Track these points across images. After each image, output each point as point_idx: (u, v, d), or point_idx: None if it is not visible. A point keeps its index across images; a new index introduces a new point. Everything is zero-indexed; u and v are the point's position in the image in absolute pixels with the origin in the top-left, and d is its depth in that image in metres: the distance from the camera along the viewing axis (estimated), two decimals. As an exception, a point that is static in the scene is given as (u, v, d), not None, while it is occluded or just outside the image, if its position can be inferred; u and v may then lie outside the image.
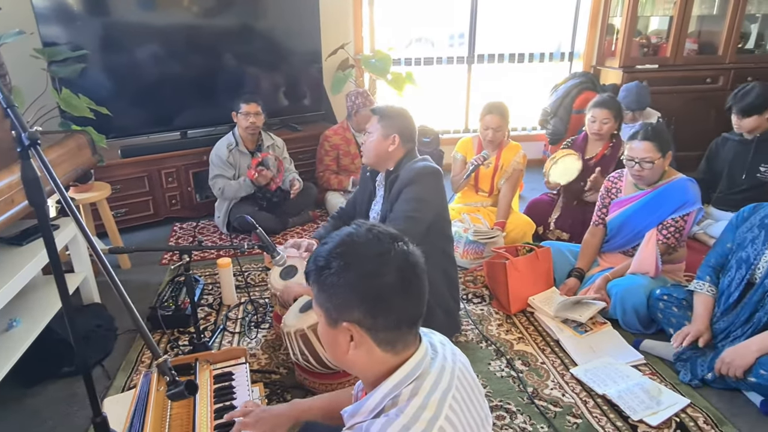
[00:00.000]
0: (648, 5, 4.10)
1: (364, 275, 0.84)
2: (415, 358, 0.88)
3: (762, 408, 1.76)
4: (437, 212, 1.97)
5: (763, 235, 1.87)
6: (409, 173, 1.90)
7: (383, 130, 1.96)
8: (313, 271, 0.88)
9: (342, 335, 0.87)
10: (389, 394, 0.86)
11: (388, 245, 0.87)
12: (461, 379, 0.93)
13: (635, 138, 2.24)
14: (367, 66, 3.73)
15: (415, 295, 0.87)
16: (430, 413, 0.83)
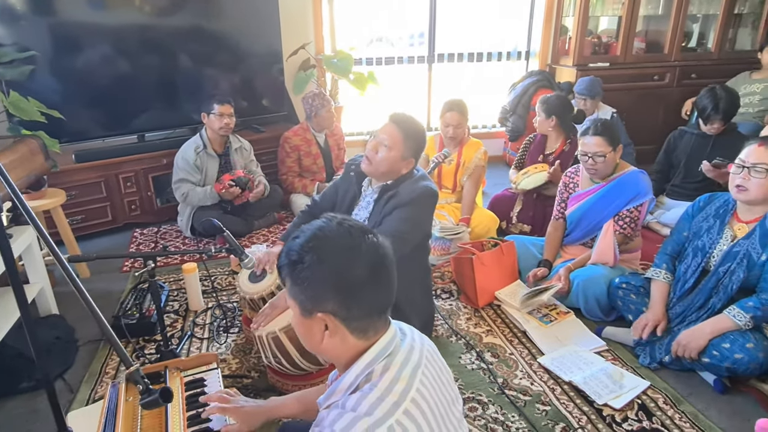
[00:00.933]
0: (598, 6, 4.26)
1: (337, 268, 0.87)
2: (385, 338, 0.92)
3: (715, 386, 1.87)
4: (425, 231, 1.98)
5: (718, 225, 1.98)
6: (410, 193, 1.84)
7: (405, 151, 1.85)
8: (286, 266, 0.90)
9: (317, 325, 0.90)
10: (363, 372, 0.89)
11: (358, 239, 0.89)
12: (430, 359, 0.97)
13: (587, 134, 2.34)
14: (329, 66, 3.73)
15: (385, 285, 0.91)
16: (402, 385, 0.87)
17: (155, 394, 1.04)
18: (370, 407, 0.83)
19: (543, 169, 2.94)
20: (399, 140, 1.83)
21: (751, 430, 1.67)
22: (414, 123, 1.88)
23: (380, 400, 0.84)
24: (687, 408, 1.79)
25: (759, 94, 3.63)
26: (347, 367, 0.92)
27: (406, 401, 0.86)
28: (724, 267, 1.91)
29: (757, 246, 1.83)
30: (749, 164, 1.82)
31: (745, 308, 1.79)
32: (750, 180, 1.82)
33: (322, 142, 3.50)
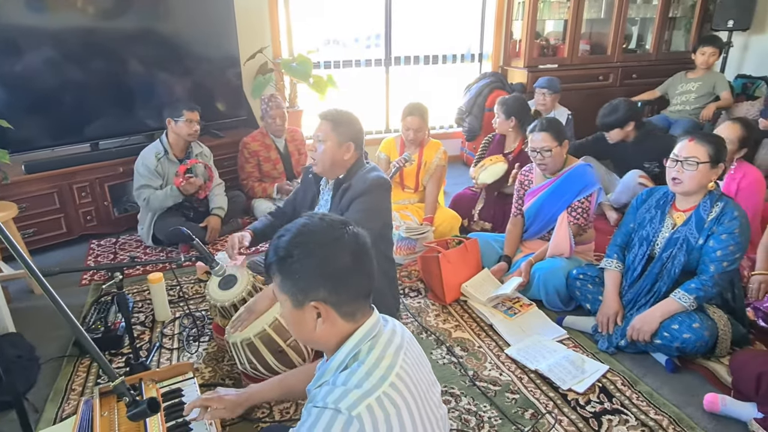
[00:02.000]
0: (545, 9, 4.44)
1: (325, 258, 0.95)
2: (370, 321, 1.01)
3: (667, 366, 2.02)
4: (384, 221, 2.04)
5: (659, 215, 2.13)
6: (362, 184, 1.92)
7: (338, 137, 1.93)
8: (275, 262, 0.97)
9: (309, 314, 0.97)
10: (351, 351, 0.97)
11: (340, 230, 0.98)
12: (410, 343, 1.07)
13: (534, 130, 2.48)
14: (288, 70, 3.72)
15: (368, 270, 1.00)
16: (388, 362, 0.96)
17: (143, 405, 1.05)
18: (360, 381, 0.91)
19: (499, 160, 3.05)
20: (329, 130, 1.94)
21: (700, 404, 1.82)
22: (340, 111, 1.99)
23: (368, 374, 0.92)
24: (643, 388, 1.92)
25: (694, 93, 3.89)
26: (335, 349, 0.99)
27: (391, 375, 0.94)
28: (666, 253, 2.06)
29: (694, 231, 1.99)
30: (682, 158, 1.97)
31: (689, 290, 1.95)
32: (684, 173, 1.97)
33: (281, 147, 3.49)
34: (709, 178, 1.97)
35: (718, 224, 1.94)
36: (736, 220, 1.92)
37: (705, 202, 2.00)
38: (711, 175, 1.96)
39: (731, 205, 1.97)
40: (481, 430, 1.74)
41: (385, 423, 0.88)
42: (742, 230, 1.91)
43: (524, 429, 1.73)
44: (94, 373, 2.04)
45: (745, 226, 1.94)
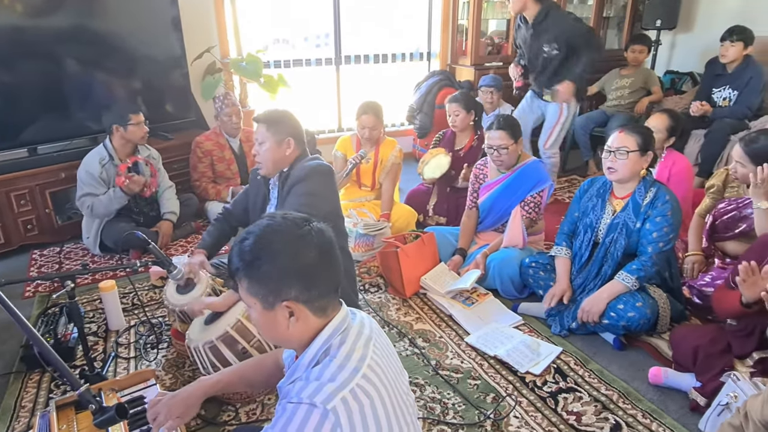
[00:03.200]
0: (489, 9, 4.59)
1: (294, 257, 0.95)
2: (339, 316, 1.02)
3: (614, 344, 2.15)
4: (331, 208, 2.03)
5: (600, 203, 2.27)
6: (301, 171, 1.93)
7: (275, 136, 1.94)
8: (242, 267, 0.96)
9: (281, 314, 0.97)
10: (322, 346, 0.98)
11: (305, 227, 0.98)
12: (378, 335, 1.09)
13: (491, 128, 2.56)
14: (238, 69, 3.66)
15: (335, 264, 1.01)
16: (359, 354, 0.98)
17: (111, 411, 1.03)
18: (333, 374, 0.92)
19: (439, 152, 3.12)
20: (264, 131, 1.95)
21: (645, 378, 1.95)
22: (273, 111, 2.01)
23: (341, 368, 0.94)
24: (594, 366, 2.04)
25: (628, 88, 4.13)
26: (306, 346, 1.00)
27: (363, 367, 0.95)
28: (609, 238, 2.20)
29: (632, 216, 2.13)
30: (614, 149, 2.12)
31: (631, 271, 2.09)
32: (617, 162, 2.11)
33: (236, 147, 3.44)
34: (640, 166, 2.12)
35: (653, 208, 2.09)
36: (668, 203, 2.08)
37: (640, 188, 2.14)
38: (642, 163, 2.11)
39: (663, 190, 2.12)
40: (446, 416, 1.80)
41: (360, 413, 0.90)
42: (674, 212, 2.07)
43: (487, 412, 1.80)
44: (45, 388, 1.95)
45: (677, 208, 2.09)
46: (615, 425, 1.75)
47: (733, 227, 2.35)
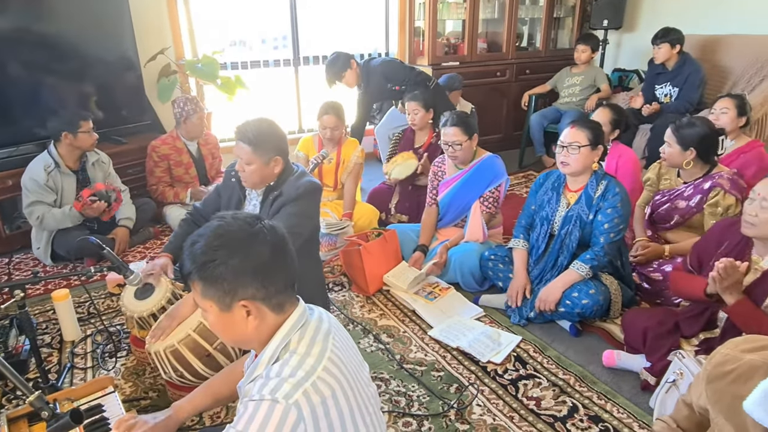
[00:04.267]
0: (444, 10, 4.66)
1: (248, 256, 0.95)
2: (297, 311, 1.03)
3: (571, 331, 2.24)
4: (314, 225, 2.05)
5: (555, 196, 2.35)
6: (295, 191, 1.89)
7: (262, 157, 1.86)
8: (196, 270, 0.96)
9: (238, 314, 0.97)
10: (281, 342, 0.99)
11: (256, 226, 0.99)
12: (337, 328, 1.10)
13: (446, 125, 2.62)
14: (193, 71, 3.60)
15: (290, 259, 1.02)
16: (319, 348, 0.99)
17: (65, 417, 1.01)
18: (293, 370, 0.93)
19: (410, 157, 3.17)
20: (249, 153, 1.85)
21: (600, 361, 2.04)
22: (257, 128, 1.86)
23: (301, 362, 0.94)
24: (551, 353, 2.12)
25: (578, 86, 4.29)
26: (265, 344, 1.00)
27: (323, 360, 0.96)
28: (564, 230, 2.28)
29: (585, 208, 2.23)
30: (566, 144, 2.20)
31: (585, 261, 2.18)
32: (569, 156, 2.20)
33: (194, 150, 3.38)
34: (591, 159, 2.21)
35: (604, 200, 2.19)
36: (618, 195, 2.18)
37: (592, 181, 2.24)
38: (593, 156, 2.21)
39: (613, 182, 2.23)
40: (411, 408, 1.83)
41: (322, 405, 0.91)
42: (624, 204, 2.17)
43: (450, 402, 1.85)
44: (-4, 403, 1.87)
45: (626, 200, 2.20)
46: (572, 407, 1.83)
47: (669, 218, 2.49)
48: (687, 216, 2.41)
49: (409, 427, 1.75)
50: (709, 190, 2.32)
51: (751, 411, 0.90)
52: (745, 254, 1.75)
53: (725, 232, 1.87)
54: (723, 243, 1.84)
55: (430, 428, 1.75)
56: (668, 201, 2.48)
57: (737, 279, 1.63)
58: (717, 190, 2.30)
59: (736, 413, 0.98)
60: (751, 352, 1.03)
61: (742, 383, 0.99)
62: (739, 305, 1.66)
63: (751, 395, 0.90)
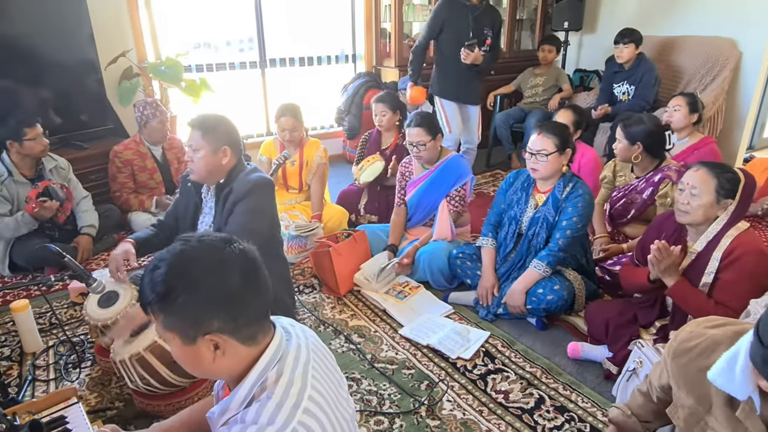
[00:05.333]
0: (410, 11, 4.71)
1: (214, 285, 0.86)
2: (273, 344, 0.94)
3: (537, 325, 2.29)
4: (271, 221, 2.03)
5: (525, 196, 2.40)
6: (244, 186, 1.87)
7: (211, 144, 1.86)
8: (156, 300, 0.86)
9: (204, 347, 0.88)
10: (257, 381, 0.90)
11: (225, 250, 0.89)
12: (315, 350, 1.03)
13: (410, 125, 2.66)
14: (157, 74, 3.54)
15: (263, 287, 0.92)
16: (298, 386, 0.91)
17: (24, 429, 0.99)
18: (271, 416, 0.85)
19: (375, 159, 3.20)
20: (200, 138, 1.86)
21: (565, 353, 2.10)
22: (209, 116, 1.91)
23: (279, 406, 0.86)
24: (519, 347, 2.17)
25: (541, 86, 4.40)
26: (240, 380, 0.91)
27: (304, 401, 0.89)
28: (531, 230, 2.34)
29: (551, 210, 2.29)
30: (535, 151, 2.25)
31: (541, 258, 2.24)
32: (538, 163, 2.26)
33: (159, 155, 3.31)
34: (560, 163, 2.26)
35: (567, 201, 2.25)
36: (581, 197, 2.24)
37: (559, 183, 2.29)
38: (562, 160, 2.26)
39: (579, 184, 2.29)
40: (382, 407, 1.85)
41: None
42: (585, 205, 2.23)
43: (421, 399, 1.87)
44: (-48, 420, 1.80)
45: (589, 202, 2.26)
46: (539, 399, 1.88)
47: (626, 213, 2.59)
48: (642, 209, 2.52)
49: (380, 426, 1.77)
50: (659, 182, 2.43)
51: (714, 380, 0.97)
52: (680, 241, 1.88)
53: (663, 224, 1.99)
54: (661, 234, 1.95)
55: (402, 425, 1.77)
56: (624, 196, 2.57)
57: (673, 261, 1.78)
58: (666, 181, 2.42)
59: (700, 384, 1.05)
60: (714, 328, 1.11)
61: (706, 357, 1.07)
62: (677, 286, 1.79)
63: (714, 365, 0.98)
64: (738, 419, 0.98)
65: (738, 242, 1.74)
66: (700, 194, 1.75)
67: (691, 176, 1.80)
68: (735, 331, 1.07)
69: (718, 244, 1.76)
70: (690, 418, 1.10)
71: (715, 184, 1.74)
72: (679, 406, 1.12)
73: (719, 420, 1.03)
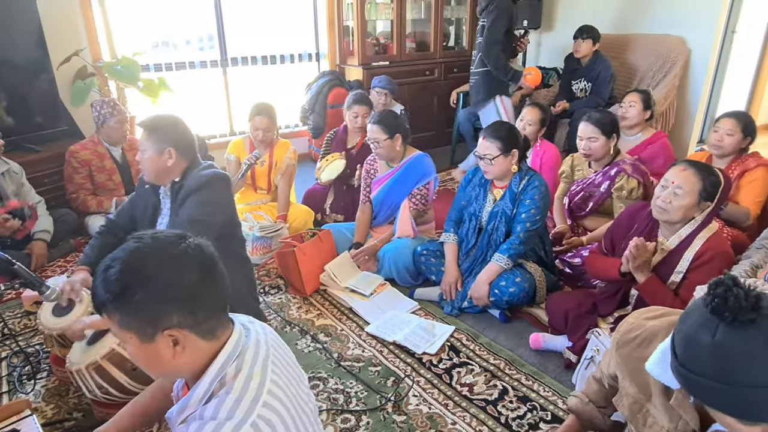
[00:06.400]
0: (372, 10, 4.71)
1: (171, 280, 0.86)
2: (232, 339, 0.94)
3: (500, 318, 2.34)
4: (227, 217, 1.99)
5: (483, 192, 2.45)
6: (197, 180, 1.85)
7: (155, 145, 1.83)
8: (111, 300, 0.86)
9: (163, 344, 0.88)
10: (216, 377, 0.91)
11: (180, 246, 0.89)
12: (275, 346, 1.04)
13: (371, 122, 2.69)
14: (112, 74, 3.43)
15: (220, 281, 0.93)
16: (257, 380, 0.91)
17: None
18: (230, 411, 0.85)
19: (335, 158, 3.19)
20: (145, 139, 1.85)
21: (527, 345, 2.16)
22: (157, 117, 1.90)
23: (238, 401, 0.87)
24: (483, 340, 2.21)
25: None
26: (199, 377, 0.92)
27: (263, 395, 0.89)
28: (491, 225, 2.39)
29: (509, 204, 2.34)
30: (481, 155, 2.30)
31: (502, 251, 2.29)
32: (486, 166, 2.30)
33: (118, 156, 3.22)
34: (508, 164, 2.31)
35: (524, 193, 2.31)
36: (537, 188, 2.30)
37: (515, 178, 2.35)
38: (509, 161, 2.30)
39: (535, 177, 2.35)
40: (349, 405, 1.86)
41: None
42: (542, 197, 2.30)
43: (387, 395, 1.89)
44: None
45: (545, 194, 2.32)
46: (503, 390, 1.92)
47: (584, 206, 2.67)
48: (600, 202, 2.60)
49: (347, 424, 1.78)
50: (616, 176, 2.52)
51: (650, 369, 1.00)
52: (652, 236, 1.92)
53: (634, 216, 2.03)
54: (633, 226, 2.00)
55: (369, 422, 1.78)
56: (582, 190, 2.65)
57: (647, 258, 1.80)
58: (621, 174, 2.50)
59: (640, 374, 1.09)
60: (653, 319, 1.15)
61: (644, 347, 1.10)
62: (648, 282, 1.83)
63: (651, 356, 1.01)
64: (673, 407, 1.02)
65: (710, 245, 1.76)
66: (684, 195, 1.74)
67: (677, 175, 1.77)
68: (671, 321, 1.10)
69: (691, 244, 1.79)
70: (633, 406, 1.13)
71: (701, 186, 1.74)
72: (624, 394, 1.16)
73: (658, 408, 1.07)
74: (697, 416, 0.98)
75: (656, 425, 1.08)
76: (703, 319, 0.83)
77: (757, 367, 0.79)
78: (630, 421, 1.16)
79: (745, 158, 2.48)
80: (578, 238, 2.65)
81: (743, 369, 0.79)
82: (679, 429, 1.03)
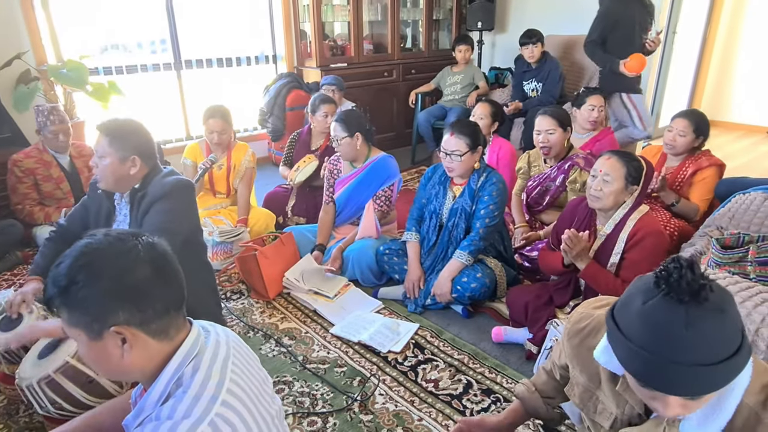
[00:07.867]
0: (329, 12, 4.70)
1: (118, 276, 0.85)
2: (190, 339, 0.93)
3: (463, 314, 2.38)
4: (193, 225, 1.95)
5: (442, 190, 2.48)
6: (161, 188, 1.80)
7: (119, 153, 1.76)
8: (57, 294, 0.85)
9: (111, 342, 0.87)
10: (172, 378, 0.89)
11: (132, 242, 0.89)
12: (236, 349, 1.02)
13: (333, 120, 2.70)
14: (58, 77, 3.29)
15: (174, 280, 0.92)
16: (216, 380, 0.90)
17: None
18: (188, 410, 0.84)
19: (311, 160, 3.18)
20: (106, 146, 1.77)
21: (490, 338, 2.20)
22: (119, 122, 1.81)
23: (196, 399, 0.85)
24: (447, 336, 2.25)
25: (459, 84, 4.55)
26: (153, 379, 0.90)
27: (222, 393, 0.88)
28: (451, 222, 2.43)
29: (468, 200, 2.38)
30: (449, 152, 2.34)
31: (463, 248, 2.34)
32: (453, 162, 2.34)
33: (66, 164, 3.09)
34: (473, 161, 2.36)
35: (482, 190, 2.36)
36: (495, 185, 2.35)
37: (474, 175, 2.40)
38: (474, 158, 2.35)
39: (493, 174, 2.40)
40: (315, 407, 1.85)
41: None
42: (499, 193, 2.35)
43: (353, 395, 1.89)
44: None
45: (503, 189, 2.38)
46: (467, 384, 1.96)
47: (541, 201, 2.76)
48: (555, 195, 2.69)
49: (314, 426, 1.77)
50: (569, 169, 2.61)
51: (598, 357, 1.04)
52: (591, 225, 2.05)
53: (575, 210, 2.14)
54: (574, 219, 2.09)
55: (335, 423, 1.78)
56: (539, 185, 2.73)
57: (583, 247, 1.94)
58: (575, 168, 2.60)
59: (590, 363, 1.12)
60: (600, 309, 1.19)
61: (593, 336, 1.14)
62: (589, 268, 1.96)
63: (599, 345, 1.04)
64: (619, 393, 1.06)
65: (641, 224, 1.92)
66: (612, 181, 1.91)
67: (603, 164, 1.95)
68: None
69: (624, 227, 1.94)
70: (584, 395, 1.17)
71: (625, 171, 1.90)
72: (575, 383, 1.20)
73: (606, 394, 1.11)
74: (641, 400, 1.01)
75: (605, 411, 1.12)
76: (646, 287, 0.86)
77: (672, 343, 0.80)
78: (582, 410, 1.19)
79: (698, 156, 2.61)
80: (536, 233, 2.73)
81: (665, 341, 0.81)
82: (626, 413, 1.07)
